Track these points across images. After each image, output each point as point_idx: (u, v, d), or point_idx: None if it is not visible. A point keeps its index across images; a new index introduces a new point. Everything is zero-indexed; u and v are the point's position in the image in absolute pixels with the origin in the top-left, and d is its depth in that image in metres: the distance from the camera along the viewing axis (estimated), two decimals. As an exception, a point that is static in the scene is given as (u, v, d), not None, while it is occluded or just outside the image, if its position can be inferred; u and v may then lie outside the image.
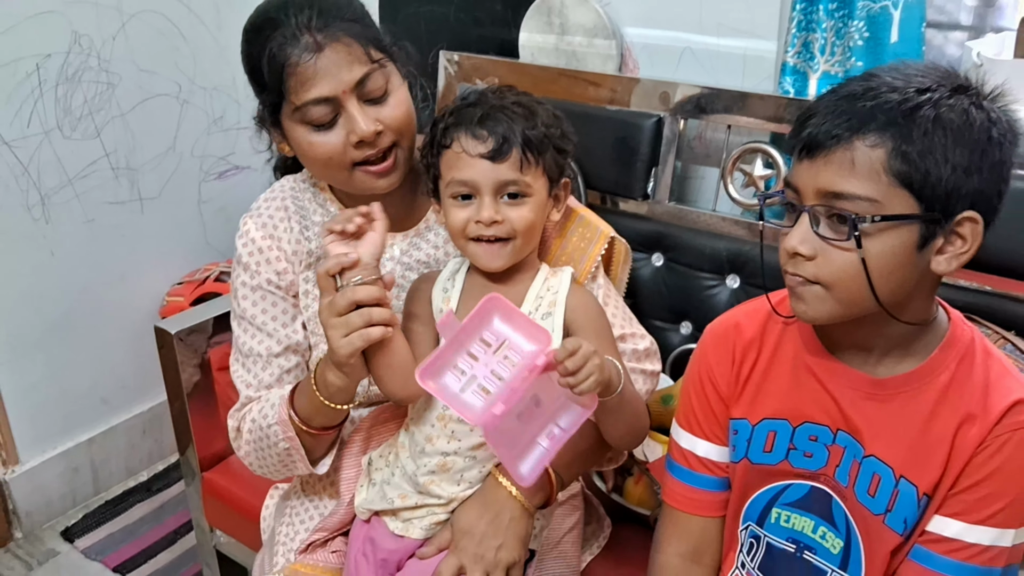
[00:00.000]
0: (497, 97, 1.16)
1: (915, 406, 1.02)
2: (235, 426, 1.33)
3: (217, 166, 2.51)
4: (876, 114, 0.90)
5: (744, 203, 1.74)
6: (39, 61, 2.08)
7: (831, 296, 0.96)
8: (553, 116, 1.18)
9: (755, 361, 1.13)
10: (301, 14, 1.15)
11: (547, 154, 1.15)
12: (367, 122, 1.17)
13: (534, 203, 1.14)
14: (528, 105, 1.16)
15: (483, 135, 1.11)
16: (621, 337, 1.31)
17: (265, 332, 1.30)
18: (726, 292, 1.71)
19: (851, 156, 0.90)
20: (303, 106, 1.17)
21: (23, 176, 2.11)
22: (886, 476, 1.03)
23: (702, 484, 1.18)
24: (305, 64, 1.14)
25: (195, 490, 1.75)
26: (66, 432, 2.34)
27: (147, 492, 2.44)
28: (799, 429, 1.09)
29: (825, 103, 0.94)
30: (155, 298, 2.42)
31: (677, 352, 1.70)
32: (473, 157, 1.11)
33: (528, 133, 1.12)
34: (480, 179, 1.12)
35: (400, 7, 2.22)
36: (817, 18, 1.63)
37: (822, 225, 0.94)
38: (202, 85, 2.42)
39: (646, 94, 1.80)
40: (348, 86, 1.16)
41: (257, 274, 1.30)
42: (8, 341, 2.16)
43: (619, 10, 1.92)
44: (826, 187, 0.92)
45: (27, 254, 2.16)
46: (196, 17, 2.37)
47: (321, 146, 1.19)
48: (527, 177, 1.13)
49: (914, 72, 0.93)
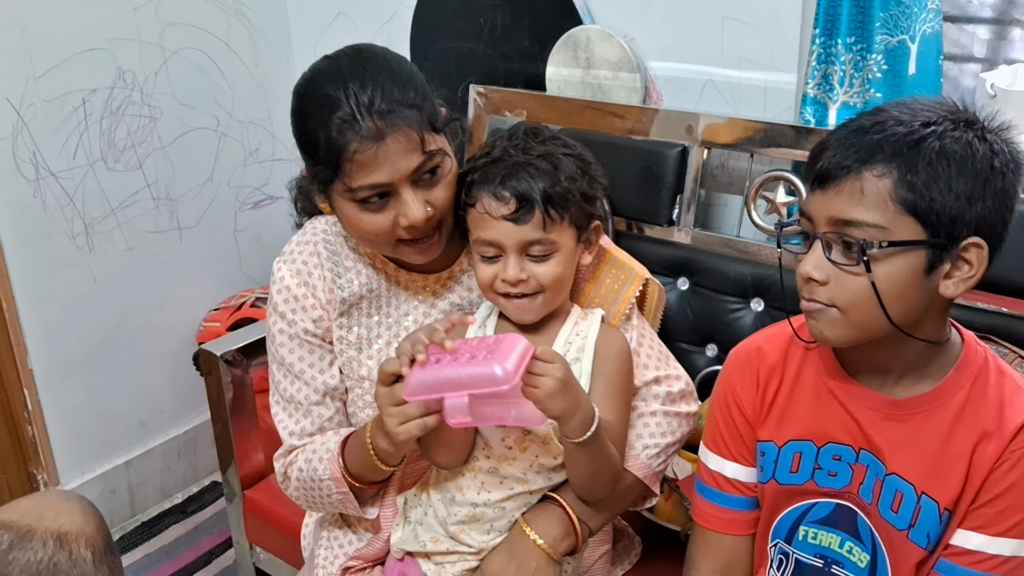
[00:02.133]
0: (521, 151, 1.16)
1: (933, 425, 1.05)
2: (282, 471, 1.36)
3: (252, 196, 2.59)
4: (883, 146, 0.95)
5: (767, 229, 1.79)
6: (85, 96, 2.18)
7: (846, 320, 1.00)
8: (580, 163, 1.18)
9: (779, 384, 1.16)
10: (363, 94, 1.12)
11: (572, 207, 1.15)
12: (419, 209, 1.16)
13: (560, 257, 1.16)
14: (552, 157, 1.16)
15: (505, 196, 1.13)
16: (656, 379, 1.31)
17: (303, 380, 1.31)
18: (751, 315, 1.75)
19: (860, 185, 0.96)
20: (358, 189, 1.15)
21: (68, 206, 2.19)
22: (908, 493, 1.06)
23: (731, 504, 1.22)
24: (365, 152, 1.12)
25: (236, 508, 1.80)
26: (105, 455, 2.40)
27: (182, 514, 2.50)
28: (823, 449, 1.12)
29: (836, 137, 1.00)
30: (192, 324, 2.49)
31: (703, 374, 1.75)
32: (496, 218, 1.13)
33: (550, 191, 1.12)
34: (504, 239, 1.14)
35: (431, 43, 2.30)
36: (836, 51, 1.69)
37: (834, 251, 0.99)
38: (239, 119, 2.50)
39: (670, 125, 1.86)
40: (405, 174, 1.15)
41: (294, 323, 1.30)
42: (51, 365, 2.24)
43: (643, 45, 1.99)
44: (837, 215, 0.98)
45: (70, 281, 2.23)
46: (234, 54, 2.46)
47: (369, 223, 1.18)
48: (551, 235, 1.14)
49: (921, 107, 0.99)
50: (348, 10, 2.47)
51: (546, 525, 1.20)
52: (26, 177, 2.10)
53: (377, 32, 2.39)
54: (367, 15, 2.42)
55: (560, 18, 2.06)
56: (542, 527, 1.20)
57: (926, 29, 1.64)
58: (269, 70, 2.54)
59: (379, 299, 1.33)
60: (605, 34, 1.99)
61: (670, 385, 1.32)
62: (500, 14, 2.17)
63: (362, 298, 1.32)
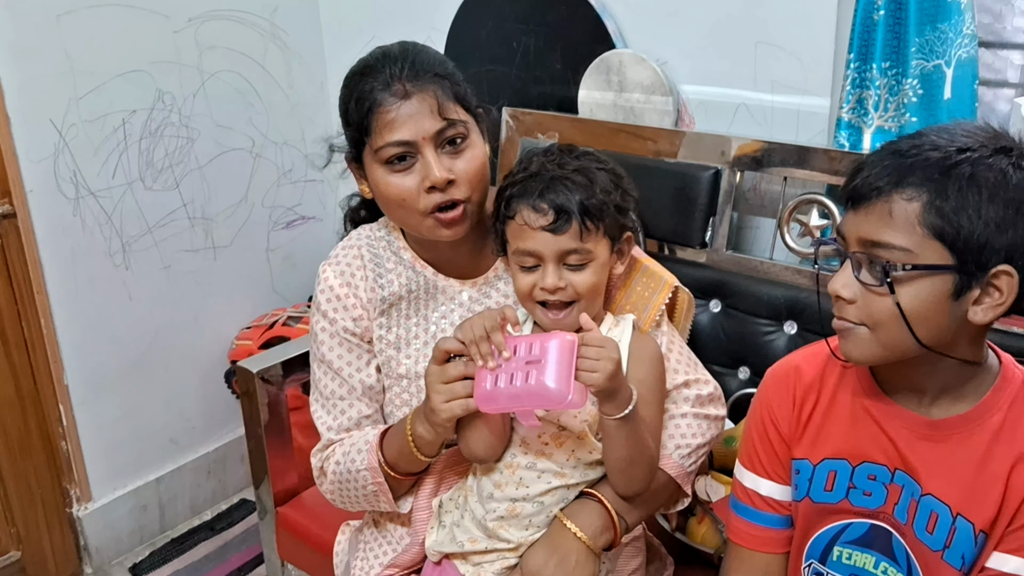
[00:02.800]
0: (557, 166, 1.21)
1: (969, 446, 1.05)
2: (319, 466, 1.39)
3: (285, 216, 2.62)
4: (915, 169, 0.96)
5: (801, 252, 1.79)
6: (125, 117, 2.22)
7: (874, 338, 1.02)
8: (613, 177, 1.23)
9: (815, 403, 1.17)
10: (395, 65, 1.24)
11: (607, 218, 1.20)
12: (440, 169, 1.23)
13: (596, 266, 1.20)
14: (587, 171, 1.21)
15: (544, 208, 1.17)
16: (685, 383, 1.35)
17: (342, 377, 1.36)
18: (783, 338, 1.75)
19: (889, 208, 0.97)
20: (384, 147, 1.24)
21: (107, 224, 2.23)
22: (943, 514, 1.06)
23: (766, 522, 1.22)
24: (390, 107, 1.22)
25: (268, 525, 1.81)
26: (136, 471, 2.43)
27: (211, 531, 2.51)
28: (858, 468, 1.13)
29: (872, 158, 1.01)
30: (224, 342, 2.52)
31: (736, 396, 1.74)
32: (535, 229, 1.18)
33: (587, 203, 1.17)
34: (543, 249, 1.18)
35: (464, 66, 2.30)
36: (871, 76, 1.69)
37: (863, 271, 1.00)
38: (273, 140, 2.54)
39: (703, 148, 1.87)
40: (428, 134, 1.23)
41: (335, 321, 1.36)
42: (86, 381, 2.27)
43: (676, 68, 2.00)
44: (866, 236, 0.99)
45: (107, 298, 2.27)
46: (270, 77, 2.50)
47: (396, 187, 1.26)
48: (588, 244, 1.19)
49: (961, 132, 0.99)
50: (382, 34, 2.49)
51: (586, 519, 1.22)
52: (66, 196, 2.14)
53: (411, 55, 2.42)
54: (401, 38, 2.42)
55: (593, 42, 2.08)
56: (582, 520, 1.22)
57: (961, 54, 1.64)
58: (304, 92, 2.58)
59: (418, 300, 1.37)
60: (638, 58, 2.01)
61: (699, 388, 1.36)
62: (533, 38, 2.20)
63: (401, 298, 1.36)
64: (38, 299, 2.13)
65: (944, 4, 1.62)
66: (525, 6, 2.19)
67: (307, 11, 2.57)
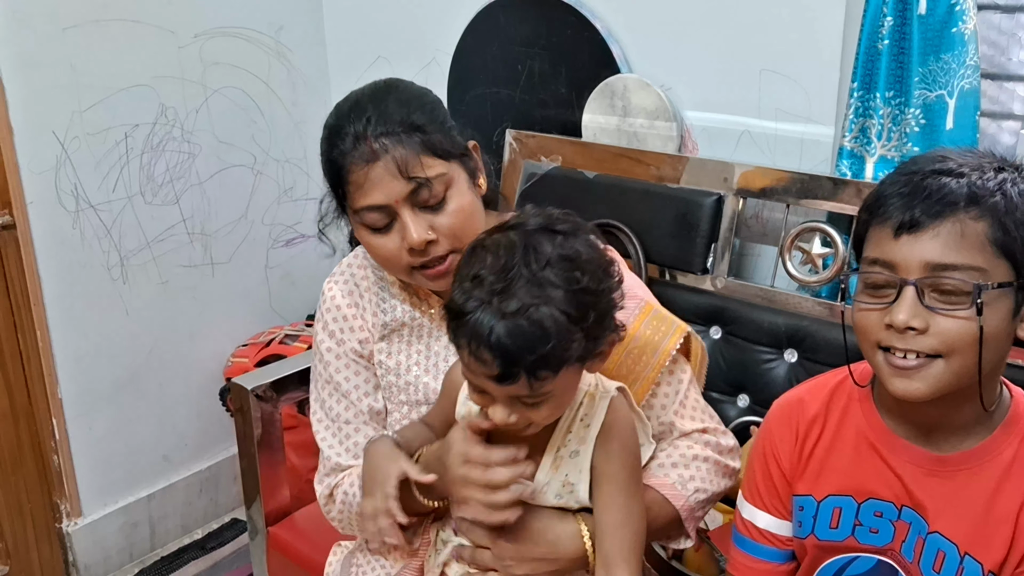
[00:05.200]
0: (510, 295, 0.96)
1: (978, 483, 1.03)
2: (326, 492, 1.35)
3: (285, 234, 2.62)
4: (973, 191, 0.96)
5: (803, 280, 1.78)
6: (128, 130, 2.22)
7: (949, 368, 0.97)
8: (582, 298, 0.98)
9: (819, 437, 1.15)
10: (360, 120, 1.17)
11: (568, 359, 0.99)
12: (419, 231, 1.17)
13: (557, 398, 1.03)
14: (545, 305, 0.96)
15: (486, 359, 0.96)
16: (703, 430, 1.28)
17: (350, 400, 1.33)
18: (784, 366, 1.74)
19: (960, 228, 0.95)
20: (360, 210, 1.19)
21: (106, 238, 2.22)
22: (951, 553, 1.04)
23: (763, 555, 1.20)
24: (359, 173, 1.16)
25: (259, 545, 1.79)
26: (128, 487, 2.40)
27: (201, 550, 2.48)
28: (864, 505, 1.11)
29: (910, 183, 0.98)
30: (220, 359, 2.50)
31: (734, 424, 1.73)
32: (478, 376, 1.00)
33: (539, 356, 0.96)
34: (492, 390, 1.01)
35: (468, 88, 2.34)
36: (874, 105, 1.69)
37: (928, 297, 0.97)
38: (275, 157, 2.54)
39: (706, 174, 1.87)
40: (400, 196, 1.17)
41: (343, 342, 1.33)
42: (80, 395, 2.25)
43: (680, 94, 2.01)
44: (936, 260, 0.96)
45: (103, 312, 2.26)
46: (273, 93, 2.50)
47: (380, 248, 1.22)
48: (546, 387, 0.99)
49: (974, 156, 1.00)
50: (387, 53, 2.51)
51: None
52: (66, 208, 2.14)
53: (415, 76, 2.41)
54: (406, 59, 2.46)
55: (598, 67, 2.09)
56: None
57: (964, 85, 1.65)
58: (307, 110, 2.58)
59: (420, 329, 1.34)
60: (642, 83, 2.01)
61: (719, 438, 1.29)
62: (538, 61, 2.20)
63: (403, 325, 1.34)
64: (35, 311, 2.12)
65: (947, 35, 1.63)
66: (531, 29, 2.20)
67: (312, 30, 2.58)
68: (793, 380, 1.69)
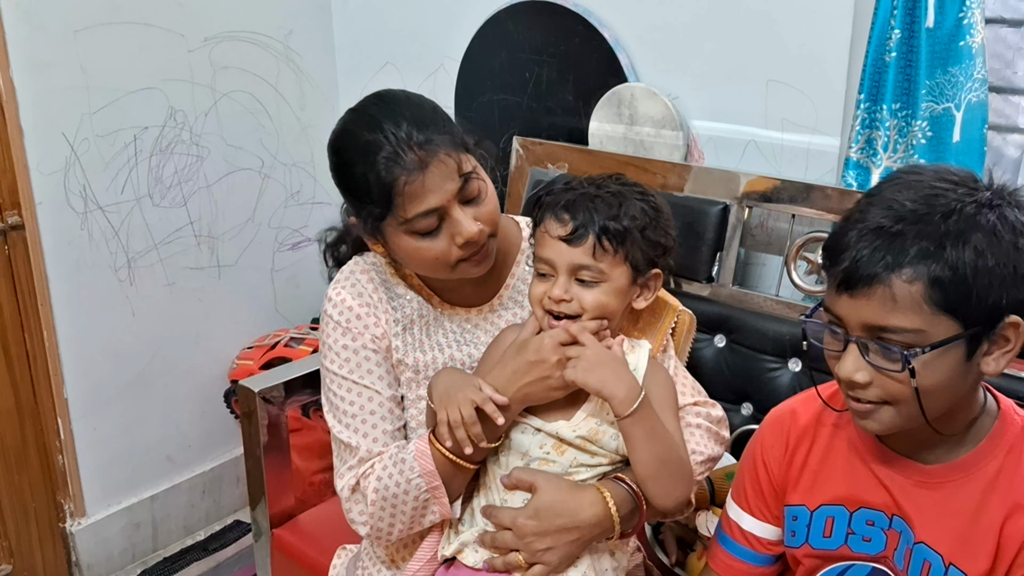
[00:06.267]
0: (595, 186, 1.21)
1: (963, 494, 1.04)
2: (351, 483, 1.30)
3: (291, 237, 2.63)
4: (908, 248, 0.93)
5: (807, 289, 1.79)
6: (137, 133, 2.23)
7: (899, 413, 1.00)
8: (650, 210, 1.21)
9: (810, 448, 1.16)
10: (399, 131, 1.20)
11: (628, 244, 1.18)
12: (472, 224, 1.23)
13: (608, 288, 1.19)
14: (621, 196, 1.20)
15: (564, 219, 1.18)
16: (694, 403, 1.35)
17: (373, 391, 1.32)
18: (788, 375, 1.74)
19: (891, 292, 0.93)
20: (414, 218, 1.21)
21: (113, 239, 2.23)
22: (936, 563, 1.04)
23: (742, 555, 1.23)
24: (414, 183, 1.19)
25: (263, 547, 1.79)
26: (131, 488, 2.41)
27: (203, 551, 2.49)
28: (856, 514, 1.12)
29: (855, 236, 0.97)
30: (225, 361, 2.51)
31: (738, 433, 1.73)
32: (553, 238, 1.19)
33: (608, 223, 1.17)
34: (556, 259, 1.18)
35: (476, 95, 2.35)
36: (881, 117, 1.70)
37: (871, 354, 0.97)
38: (283, 161, 2.55)
39: (712, 182, 1.88)
40: (452, 195, 1.22)
41: (357, 338, 1.32)
42: (85, 395, 2.26)
43: (687, 104, 2.02)
44: (872, 321, 0.95)
45: (110, 313, 2.27)
46: (282, 98, 2.52)
47: (428, 250, 1.24)
48: (601, 264, 1.17)
49: (933, 192, 0.96)
50: (395, 59, 2.53)
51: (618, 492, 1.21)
52: (75, 209, 2.15)
53: (423, 82, 2.44)
54: (414, 65, 2.47)
55: (605, 75, 2.10)
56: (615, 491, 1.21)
57: (971, 98, 1.65)
58: (314, 115, 2.60)
59: (428, 326, 1.37)
60: (649, 92, 2.02)
61: (709, 409, 1.37)
62: (546, 69, 2.21)
63: (413, 322, 1.36)
64: (42, 311, 2.13)
65: (955, 48, 1.64)
66: (539, 37, 2.21)
67: (321, 35, 2.59)
68: (797, 389, 1.69)
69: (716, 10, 1.93)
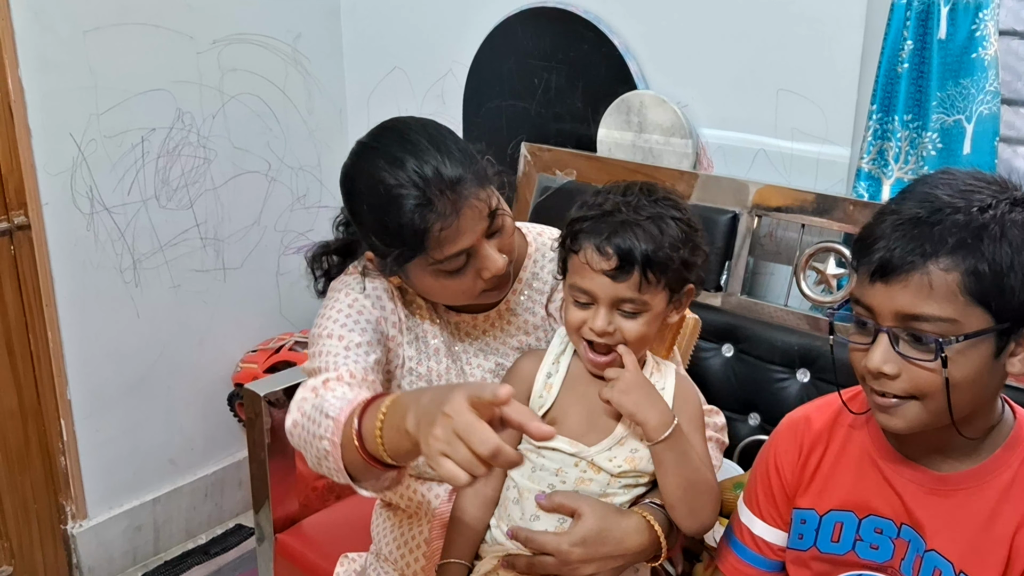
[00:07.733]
0: (632, 209, 1.16)
1: (976, 503, 1.04)
2: (300, 396, 1.20)
3: (297, 241, 2.62)
4: (946, 238, 0.94)
5: (816, 299, 1.78)
6: (144, 134, 2.23)
7: (924, 409, 0.99)
8: (687, 229, 1.18)
9: (823, 453, 1.16)
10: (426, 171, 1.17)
11: (670, 272, 1.17)
12: (499, 259, 1.23)
13: (649, 316, 1.18)
14: (660, 220, 1.16)
15: (608, 252, 1.14)
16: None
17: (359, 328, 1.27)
18: (796, 386, 1.74)
19: (928, 280, 0.94)
20: (446, 259, 1.20)
21: (119, 240, 2.23)
22: (946, 571, 1.04)
23: (753, 561, 1.23)
24: (449, 228, 1.17)
25: (266, 551, 1.79)
26: (133, 490, 2.40)
27: (204, 555, 2.48)
28: (864, 521, 1.12)
29: (890, 226, 0.97)
30: (229, 364, 2.50)
31: (746, 442, 1.73)
32: (595, 271, 1.15)
33: (652, 255, 1.14)
34: (599, 292, 1.16)
35: (484, 100, 2.35)
36: (892, 128, 1.70)
37: (902, 344, 0.98)
38: (290, 164, 2.55)
39: (721, 191, 1.88)
40: (482, 233, 1.22)
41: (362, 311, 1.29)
42: (89, 397, 2.25)
43: (696, 112, 2.02)
44: (904, 310, 0.96)
45: (115, 314, 2.26)
46: (289, 101, 2.51)
47: (455, 286, 1.25)
48: (645, 296, 1.16)
49: (970, 188, 0.97)
50: (404, 64, 2.52)
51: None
52: (81, 210, 2.14)
53: (431, 87, 2.44)
54: (422, 70, 2.47)
55: (615, 82, 2.10)
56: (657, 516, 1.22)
57: (983, 110, 1.65)
58: (322, 119, 2.59)
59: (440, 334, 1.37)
60: (659, 100, 2.02)
61: (712, 418, 1.38)
62: (555, 75, 2.21)
63: (427, 331, 1.36)
64: (47, 312, 2.13)
65: (967, 60, 1.63)
66: (549, 43, 2.20)
67: (330, 39, 2.59)
68: (805, 400, 1.67)
69: (726, 18, 1.93)
